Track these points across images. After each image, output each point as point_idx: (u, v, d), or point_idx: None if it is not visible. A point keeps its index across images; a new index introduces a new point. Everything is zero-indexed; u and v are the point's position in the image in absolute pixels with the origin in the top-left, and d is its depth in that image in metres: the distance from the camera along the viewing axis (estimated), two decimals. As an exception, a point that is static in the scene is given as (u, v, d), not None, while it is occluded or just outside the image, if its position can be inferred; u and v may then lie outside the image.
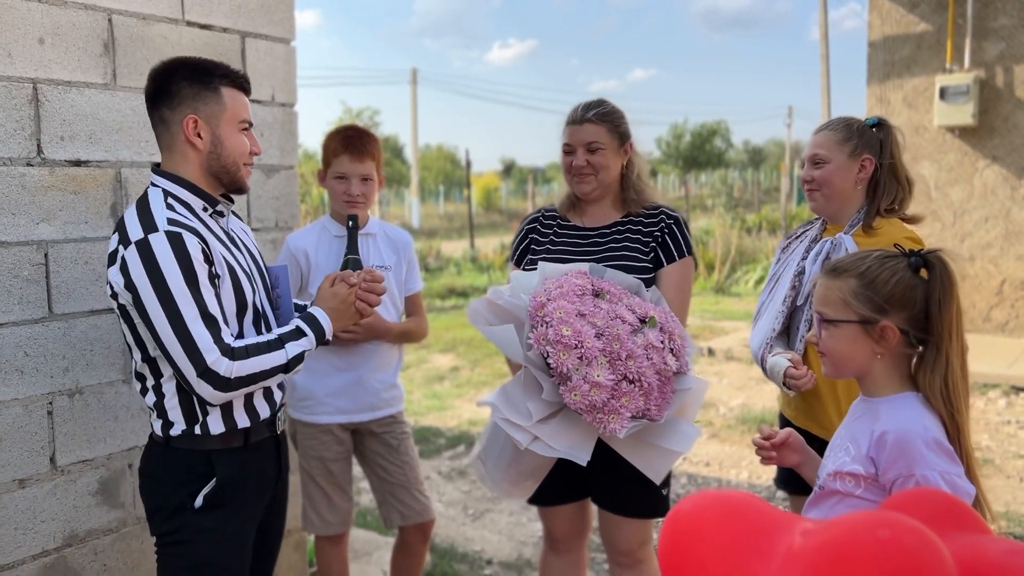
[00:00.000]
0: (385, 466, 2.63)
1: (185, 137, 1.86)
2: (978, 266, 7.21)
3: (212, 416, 1.87)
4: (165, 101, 1.86)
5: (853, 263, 1.60)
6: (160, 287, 1.71)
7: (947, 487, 1.42)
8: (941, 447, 1.47)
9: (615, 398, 1.90)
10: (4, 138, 2.12)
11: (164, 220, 1.77)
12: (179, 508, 1.87)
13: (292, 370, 1.85)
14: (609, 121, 2.30)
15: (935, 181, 7.29)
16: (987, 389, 5.92)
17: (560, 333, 1.90)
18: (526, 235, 2.47)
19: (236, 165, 1.91)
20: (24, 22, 2.16)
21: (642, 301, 2.10)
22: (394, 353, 2.64)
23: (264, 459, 1.99)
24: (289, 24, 2.91)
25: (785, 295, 2.20)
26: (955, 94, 6.87)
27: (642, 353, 1.92)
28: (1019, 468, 4.49)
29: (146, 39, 2.45)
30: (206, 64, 1.91)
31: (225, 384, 1.74)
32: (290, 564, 3.05)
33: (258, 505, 2.00)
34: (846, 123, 2.23)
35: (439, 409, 6.13)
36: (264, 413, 1.95)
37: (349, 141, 2.52)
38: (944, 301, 1.54)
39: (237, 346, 1.77)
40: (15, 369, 2.17)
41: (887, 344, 1.55)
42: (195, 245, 1.75)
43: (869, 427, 1.54)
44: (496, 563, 3.62)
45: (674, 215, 2.36)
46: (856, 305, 1.55)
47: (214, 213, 1.92)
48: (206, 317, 1.73)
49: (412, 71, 32.43)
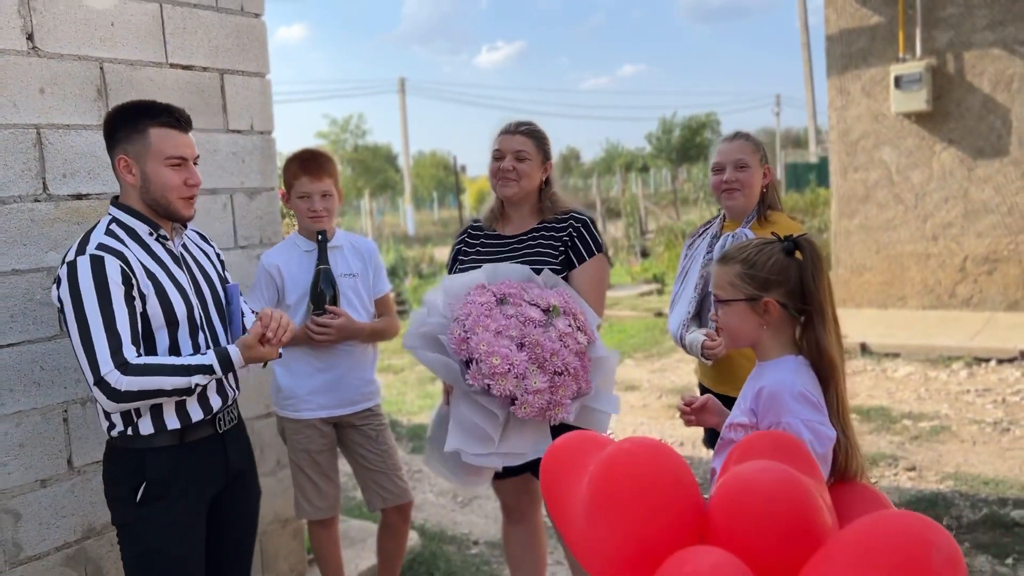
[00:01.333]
0: (366, 455, 2.90)
1: (121, 175, 2.11)
2: (941, 245, 7.50)
3: (143, 419, 2.07)
4: (108, 143, 2.13)
5: (738, 251, 1.87)
6: (76, 302, 1.95)
7: (807, 432, 1.69)
8: (806, 399, 1.73)
9: (554, 393, 2.21)
10: (14, 179, 2.42)
11: (95, 245, 2.01)
12: (125, 501, 2.10)
13: (183, 394, 2.02)
14: (536, 138, 2.64)
15: (896, 166, 7.60)
16: (951, 361, 6.20)
17: (492, 365, 2.18)
18: (455, 249, 2.79)
19: (166, 199, 2.10)
20: (26, 75, 2.45)
21: (540, 289, 2.38)
22: (369, 352, 2.91)
23: (203, 456, 2.16)
24: (263, 59, 3.20)
25: (695, 283, 2.52)
26: (909, 82, 7.18)
27: (560, 345, 2.22)
28: (973, 433, 4.78)
29: (135, 82, 2.74)
30: (138, 107, 2.13)
31: (115, 395, 1.93)
32: (289, 551, 3.34)
33: (199, 498, 2.16)
34: (750, 134, 2.57)
35: (431, 408, 6.40)
36: (197, 416, 2.13)
37: (306, 163, 2.79)
38: (816, 276, 1.81)
39: (135, 363, 1.95)
40: (33, 382, 2.45)
41: (770, 316, 1.81)
42: (115, 267, 1.98)
43: (754, 385, 1.83)
44: (482, 543, 3.91)
45: (582, 218, 2.64)
46: (741, 286, 1.82)
47: (159, 237, 2.14)
48: (110, 331, 1.94)
49: (400, 80, 32.77)
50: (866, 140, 7.71)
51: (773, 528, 1.43)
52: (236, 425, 2.30)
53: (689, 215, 17.16)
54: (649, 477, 1.53)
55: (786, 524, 1.43)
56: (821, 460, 1.70)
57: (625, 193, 21.02)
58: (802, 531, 1.43)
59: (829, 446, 1.72)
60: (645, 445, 1.59)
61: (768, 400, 1.75)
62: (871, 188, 7.76)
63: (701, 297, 2.53)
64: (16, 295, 2.41)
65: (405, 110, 32.58)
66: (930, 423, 4.98)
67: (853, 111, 7.72)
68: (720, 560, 1.42)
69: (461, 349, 2.24)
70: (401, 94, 32.66)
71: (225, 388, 2.21)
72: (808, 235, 1.86)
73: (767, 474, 1.45)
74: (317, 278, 2.72)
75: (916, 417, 5.11)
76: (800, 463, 1.56)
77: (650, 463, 1.55)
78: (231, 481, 2.26)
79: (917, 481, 4.18)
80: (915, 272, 7.64)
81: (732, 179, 2.55)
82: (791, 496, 1.43)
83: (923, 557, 1.32)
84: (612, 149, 48.43)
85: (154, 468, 2.08)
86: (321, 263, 2.71)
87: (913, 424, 4.99)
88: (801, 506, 1.43)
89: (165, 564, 2.11)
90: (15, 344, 2.41)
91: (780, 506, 1.43)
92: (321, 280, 2.72)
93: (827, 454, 1.72)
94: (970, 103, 7.19)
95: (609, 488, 1.55)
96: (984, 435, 4.73)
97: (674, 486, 1.54)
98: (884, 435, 4.87)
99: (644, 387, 6.42)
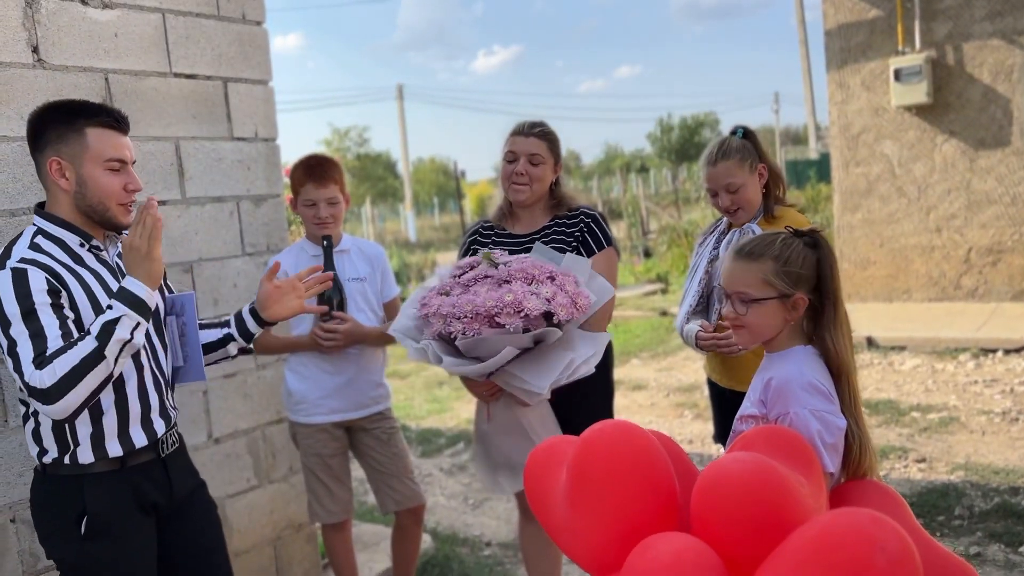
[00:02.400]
0: (377, 458, 2.92)
1: (52, 179, 1.92)
2: (945, 237, 7.50)
3: (82, 447, 1.91)
4: (35, 144, 1.94)
5: (764, 247, 1.82)
6: (2, 317, 1.79)
7: (816, 422, 1.69)
8: (815, 388, 1.73)
9: (564, 289, 2.28)
10: (22, 191, 2.43)
11: (17, 258, 1.84)
12: (66, 536, 1.91)
13: (108, 346, 1.78)
14: (550, 141, 2.64)
15: (898, 159, 7.60)
16: (957, 353, 6.20)
17: (507, 302, 2.22)
18: (469, 246, 2.78)
19: (103, 205, 1.93)
20: (33, 88, 2.47)
21: (543, 264, 2.40)
22: (378, 356, 2.92)
23: (145, 481, 1.99)
24: (266, 67, 3.22)
25: (700, 279, 2.53)
26: (909, 74, 7.18)
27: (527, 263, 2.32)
28: (982, 423, 4.77)
29: (139, 92, 2.76)
30: (72, 105, 1.96)
31: (46, 395, 1.73)
32: (303, 556, 3.35)
33: (147, 527, 2.00)
34: (736, 148, 2.48)
35: (439, 412, 6.43)
36: (140, 442, 1.98)
37: (312, 170, 2.79)
38: (832, 270, 1.82)
39: (47, 356, 1.76)
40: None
41: (797, 312, 1.81)
42: (39, 278, 1.81)
43: (763, 376, 1.83)
44: (495, 544, 3.92)
45: (592, 214, 2.68)
46: (776, 283, 1.78)
47: (91, 248, 1.97)
48: (35, 337, 1.76)
49: (398, 87, 32.85)
50: (867, 134, 7.71)
51: (742, 517, 1.43)
52: (178, 449, 2.14)
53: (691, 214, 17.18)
54: (623, 454, 1.58)
55: (755, 514, 1.43)
56: (831, 450, 1.70)
57: (626, 194, 21.02)
58: (773, 522, 1.42)
59: (839, 436, 1.72)
60: (619, 426, 1.65)
61: (777, 390, 1.75)
62: (873, 182, 7.76)
63: (706, 292, 2.55)
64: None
65: (403, 116, 32.66)
66: (939, 415, 4.97)
67: (853, 105, 7.72)
68: (684, 546, 1.44)
69: (473, 323, 2.25)
70: (399, 101, 32.74)
71: (168, 411, 2.09)
72: (820, 229, 1.86)
73: (738, 464, 1.46)
74: None
75: (924, 409, 5.11)
76: (796, 457, 1.57)
77: (624, 443, 1.60)
78: (180, 507, 2.11)
79: (927, 473, 4.18)
80: (919, 265, 7.64)
81: (728, 204, 2.50)
82: (762, 486, 1.43)
83: (866, 557, 1.29)
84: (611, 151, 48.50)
85: (95, 499, 1.92)
86: (327, 268, 2.72)
87: (922, 416, 4.99)
88: (772, 496, 1.43)
89: None
90: None
91: (749, 496, 1.43)
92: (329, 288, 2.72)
93: (837, 443, 1.72)
94: (971, 94, 7.19)
95: (585, 466, 1.60)
96: (993, 425, 4.72)
97: (646, 463, 1.58)
98: (893, 428, 4.87)
99: (651, 386, 6.43)
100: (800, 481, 1.53)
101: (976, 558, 3.26)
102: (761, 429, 1.67)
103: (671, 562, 1.41)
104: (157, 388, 2.05)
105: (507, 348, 2.22)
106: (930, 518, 3.63)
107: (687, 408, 5.79)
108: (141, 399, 2.00)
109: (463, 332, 2.24)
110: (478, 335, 2.23)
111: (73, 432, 1.91)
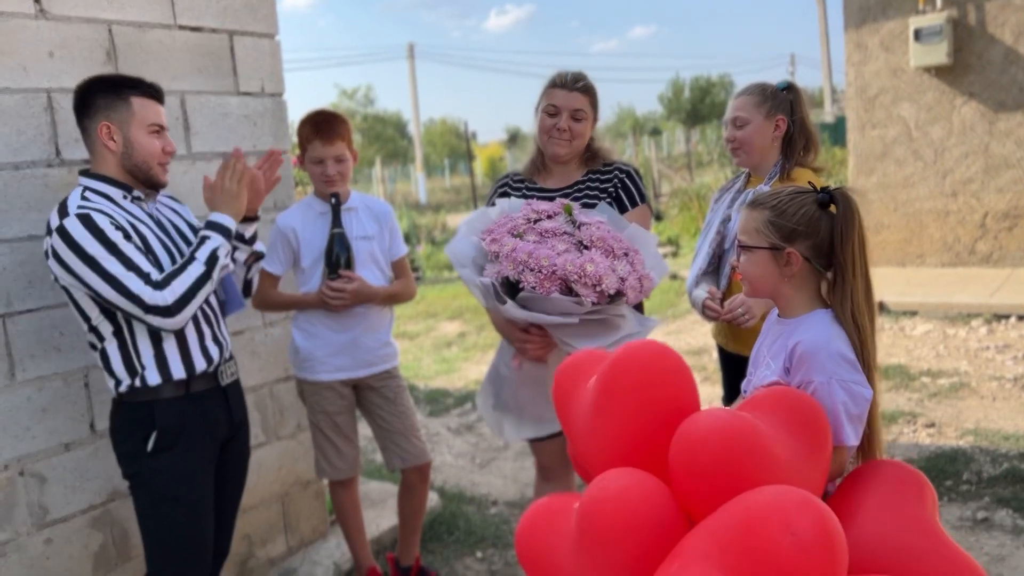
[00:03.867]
0: (384, 416, 2.92)
1: (101, 142, 2.16)
2: (961, 201, 7.40)
3: (148, 370, 2.16)
4: (84, 112, 2.17)
5: (769, 197, 1.81)
6: (86, 257, 2.02)
7: (842, 391, 1.64)
8: (844, 357, 1.68)
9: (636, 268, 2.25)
10: (26, 144, 2.41)
11: (75, 207, 2.08)
12: (136, 453, 2.19)
13: (215, 270, 2.14)
14: (592, 95, 2.56)
15: (915, 121, 7.47)
16: (970, 318, 6.15)
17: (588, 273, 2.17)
18: (500, 190, 2.72)
19: (147, 164, 2.20)
20: (35, 39, 2.43)
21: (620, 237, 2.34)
22: (386, 314, 2.91)
23: (209, 408, 2.27)
24: (272, 20, 3.16)
25: (711, 239, 2.49)
26: (929, 35, 7.02)
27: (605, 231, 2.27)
28: (992, 389, 4.74)
29: (143, 45, 2.72)
30: (118, 78, 2.23)
31: (168, 311, 2.05)
32: (311, 512, 3.38)
33: (208, 446, 2.27)
34: (761, 88, 2.50)
35: (447, 372, 6.44)
36: (201, 366, 2.23)
37: (319, 127, 2.74)
38: (846, 233, 1.74)
39: (159, 279, 2.06)
40: (53, 347, 2.47)
41: (791, 268, 1.76)
42: (104, 219, 2.06)
43: (786, 343, 1.76)
44: (501, 503, 3.94)
45: (626, 169, 2.62)
46: (766, 233, 1.76)
47: (133, 199, 2.21)
48: (130, 267, 2.03)
49: (409, 46, 32.46)
50: (884, 96, 7.58)
51: (703, 469, 1.44)
52: (236, 382, 2.40)
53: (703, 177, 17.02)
54: (654, 370, 1.63)
55: (715, 468, 1.43)
56: (856, 420, 1.67)
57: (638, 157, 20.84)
58: (734, 480, 1.41)
59: (865, 407, 1.68)
60: (654, 345, 1.69)
61: (802, 357, 1.70)
62: (889, 145, 7.64)
63: (718, 254, 2.51)
64: (33, 261, 2.41)
65: (415, 76, 32.32)
66: (949, 380, 4.95)
67: (871, 66, 7.57)
68: (632, 482, 1.46)
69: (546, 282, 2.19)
70: (410, 60, 32.38)
71: (219, 338, 2.32)
72: (847, 188, 1.79)
73: (710, 419, 1.49)
74: (331, 242, 2.71)
75: (935, 374, 5.08)
76: (800, 422, 1.54)
77: (657, 358, 1.65)
78: (234, 432, 2.38)
79: (936, 438, 4.16)
80: (934, 229, 7.55)
81: (730, 137, 2.54)
82: (728, 442, 1.43)
83: (776, 540, 1.25)
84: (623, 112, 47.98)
85: (163, 417, 2.17)
86: (335, 227, 2.69)
87: (932, 381, 4.97)
88: (737, 453, 1.42)
89: (178, 511, 2.19)
90: (34, 310, 2.42)
91: (710, 449, 1.44)
92: (335, 244, 2.71)
93: (862, 414, 1.68)
94: (991, 55, 7.03)
95: (616, 376, 1.64)
96: (1004, 391, 4.69)
97: (674, 383, 1.64)
98: (903, 392, 4.85)
99: (660, 349, 6.41)
100: (782, 444, 1.48)
101: (983, 523, 3.25)
102: (773, 391, 1.64)
103: (616, 495, 1.46)
104: (206, 318, 2.28)
105: (572, 317, 2.20)
106: (938, 483, 3.62)
107: (696, 371, 5.77)
108: (196, 327, 2.24)
109: (533, 287, 2.19)
110: (547, 294, 2.18)
111: (139, 356, 2.16)
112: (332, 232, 2.70)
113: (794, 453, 1.50)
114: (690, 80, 41.61)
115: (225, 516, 2.43)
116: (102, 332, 2.16)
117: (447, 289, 10.05)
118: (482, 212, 2.48)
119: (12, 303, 2.38)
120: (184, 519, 2.20)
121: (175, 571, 2.22)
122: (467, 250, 2.37)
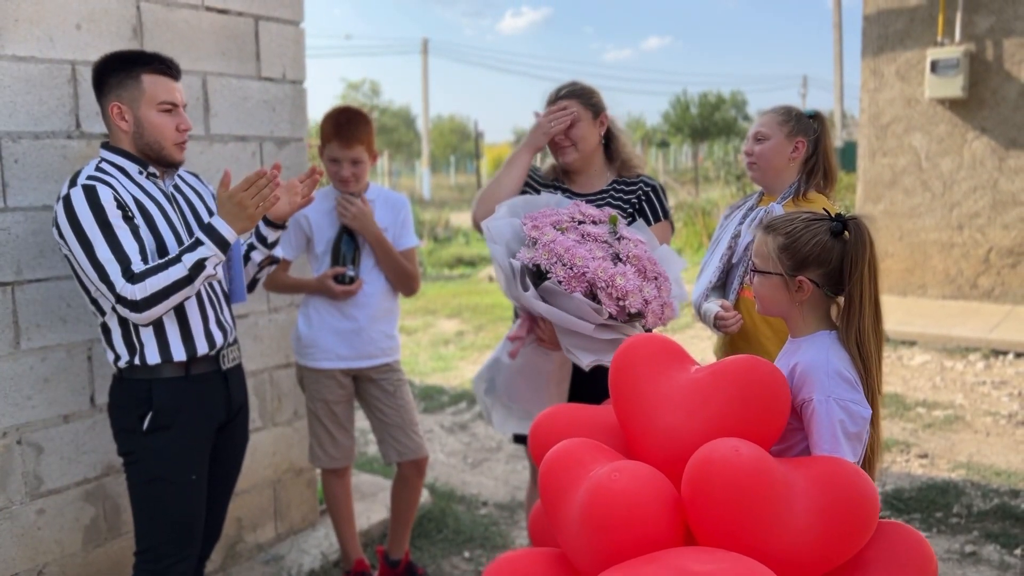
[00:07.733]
0: (383, 409, 2.92)
1: (114, 121, 2.16)
2: (966, 235, 7.42)
3: (148, 347, 2.15)
4: (99, 91, 2.17)
5: (784, 223, 1.82)
6: (78, 229, 2.02)
7: (840, 410, 1.66)
8: (842, 376, 1.70)
9: (662, 294, 2.25)
10: (48, 114, 2.41)
11: (84, 177, 2.08)
12: (132, 431, 2.18)
13: (198, 278, 2.05)
14: (580, 96, 2.56)
15: (926, 152, 7.49)
16: (968, 352, 6.16)
17: (618, 286, 2.17)
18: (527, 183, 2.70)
19: (159, 143, 2.17)
20: (63, 10, 2.43)
21: (656, 263, 2.33)
22: (391, 306, 2.92)
23: (208, 391, 2.25)
24: (298, 7, 3.17)
25: (722, 254, 2.50)
26: (946, 67, 7.04)
27: (643, 251, 2.27)
28: (987, 424, 4.76)
29: (170, 23, 2.72)
30: (129, 55, 2.18)
31: (135, 306, 2.01)
32: (302, 500, 3.38)
33: (204, 429, 2.26)
34: (787, 109, 2.52)
35: (443, 370, 6.44)
36: (203, 349, 2.22)
37: (339, 128, 2.73)
38: (856, 261, 1.75)
39: (138, 271, 2.02)
40: (59, 318, 2.47)
41: (802, 294, 1.78)
42: (107, 194, 2.05)
43: (788, 361, 1.79)
44: (491, 504, 3.94)
45: (651, 183, 2.63)
46: (778, 260, 1.78)
47: (149, 175, 2.21)
48: (116, 251, 2.02)
49: (423, 41, 32.45)
50: (897, 124, 7.60)
51: (720, 505, 1.49)
52: (238, 366, 2.39)
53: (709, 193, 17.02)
54: (633, 511, 1.49)
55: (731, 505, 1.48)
56: (854, 439, 1.67)
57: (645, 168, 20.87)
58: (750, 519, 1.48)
59: (863, 426, 1.69)
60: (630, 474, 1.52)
61: (802, 375, 1.72)
62: (899, 174, 7.66)
63: (726, 268, 2.52)
64: (45, 231, 2.41)
65: (427, 71, 32.31)
66: (944, 412, 4.96)
67: (886, 94, 7.59)
68: (645, 474, 1.52)
69: (573, 281, 2.20)
70: (423, 55, 32.37)
71: (223, 323, 2.30)
72: (861, 217, 1.80)
73: (728, 451, 1.52)
74: (339, 238, 2.75)
75: (930, 405, 5.09)
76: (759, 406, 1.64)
77: (634, 497, 1.49)
78: (233, 415, 2.37)
79: (929, 469, 4.17)
80: (937, 261, 7.57)
81: (748, 151, 2.56)
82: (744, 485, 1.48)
83: None
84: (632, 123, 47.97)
85: (160, 397, 2.16)
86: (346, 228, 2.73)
87: (927, 412, 4.98)
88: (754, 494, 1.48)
89: (169, 490, 2.19)
90: (43, 280, 2.42)
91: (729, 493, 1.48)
92: (343, 241, 2.76)
93: (861, 433, 1.69)
94: (1006, 92, 7.06)
95: (594, 519, 1.51)
96: (998, 427, 4.71)
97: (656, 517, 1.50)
98: (897, 421, 4.86)
99: (657, 361, 6.42)
100: (788, 483, 1.50)
101: (971, 556, 3.26)
102: (731, 362, 1.73)
103: (624, 488, 1.49)
104: (211, 302, 2.27)
105: (585, 323, 2.21)
106: (928, 514, 3.63)
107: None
108: (200, 310, 2.22)
109: (559, 280, 2.20)
110: (571, 291, 2.19)
111: (138, 334, 2.15)
112: (341, 227, 2.77)
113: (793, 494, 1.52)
114: (698, 96, 41.42)
115: (218, 499, 2.43)
116: (102, 306, 2.15)
117: (447, 286, 10.06)
118: (529, 198, 2.49)
119: (22, 271, 2.38)
120: (175, 499, 2.20)
121: (164, 550, 2.21)
122: (505, 230, 2.37)
